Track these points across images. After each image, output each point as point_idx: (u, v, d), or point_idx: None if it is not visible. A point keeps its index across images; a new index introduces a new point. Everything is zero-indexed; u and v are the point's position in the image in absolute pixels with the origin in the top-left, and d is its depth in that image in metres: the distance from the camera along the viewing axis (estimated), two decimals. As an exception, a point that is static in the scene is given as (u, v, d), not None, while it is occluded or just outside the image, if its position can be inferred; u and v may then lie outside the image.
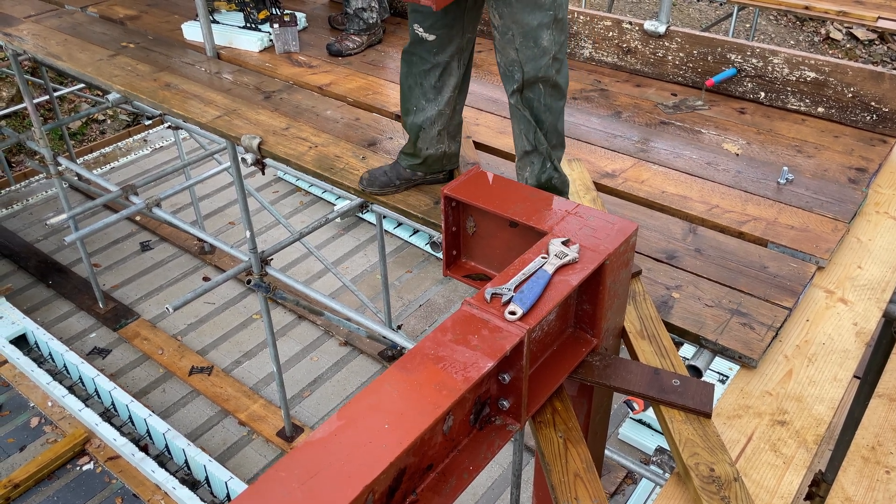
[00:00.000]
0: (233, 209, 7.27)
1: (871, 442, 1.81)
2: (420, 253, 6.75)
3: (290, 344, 5.83)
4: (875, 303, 2.24)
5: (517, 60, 2.18)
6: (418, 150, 2.58)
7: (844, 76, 3.08)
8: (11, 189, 7.49)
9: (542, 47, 2.17)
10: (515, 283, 1.69)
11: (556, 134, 2.35)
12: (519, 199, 2.05)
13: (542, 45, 2.17)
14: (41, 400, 5.06)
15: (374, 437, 1.33)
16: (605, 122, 3.24)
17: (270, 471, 1.26)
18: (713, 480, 1.65)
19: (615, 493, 4.73)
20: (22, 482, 4.47)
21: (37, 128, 5.05)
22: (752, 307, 2.20)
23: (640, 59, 3.60)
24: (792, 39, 10.80)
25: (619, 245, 1.83)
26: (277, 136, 3.10)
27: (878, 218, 2.64)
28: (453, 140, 2.61)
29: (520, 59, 2.18)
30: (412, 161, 2.62)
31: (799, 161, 2.92)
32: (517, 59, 2.18)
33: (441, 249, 2.52)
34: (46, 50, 3.90)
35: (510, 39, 2.16)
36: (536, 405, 1.76)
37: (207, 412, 5.28)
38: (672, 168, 2.89)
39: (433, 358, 1.50)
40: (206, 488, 4.64)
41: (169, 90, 3.46)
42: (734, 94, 3.39)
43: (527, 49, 2.16)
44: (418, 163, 2.61)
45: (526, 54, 2.17)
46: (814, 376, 2.00)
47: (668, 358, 1.99)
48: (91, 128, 8.43)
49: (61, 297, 6.26)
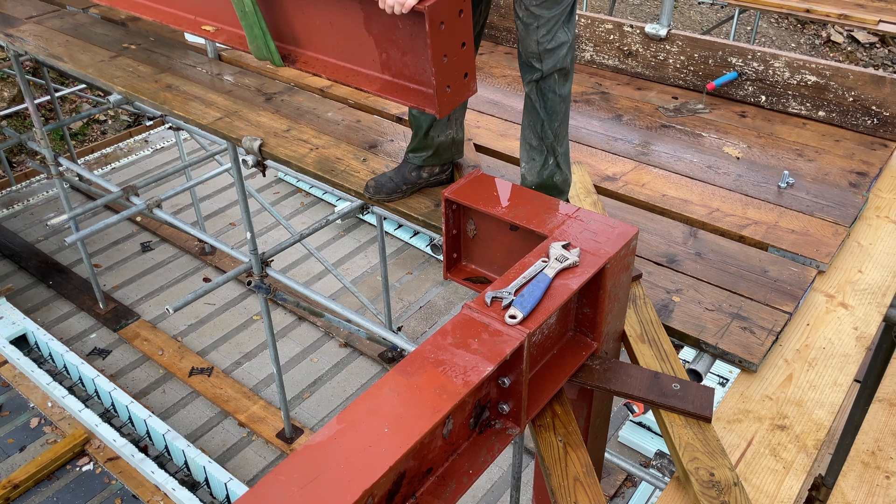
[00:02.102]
0: (233, 210, 7.27)
1: (871, 447, 1.81)
2: (420, 255, 6.75)
3: (291, 345, 5.83)
4: (875, 307, 2.24)
5: (537, 52, 2.22)
6: (430, 140, 2.58)
7: (845, 80, 3.08)
8: (12, 189, 7.49)
9: (561, 41, 2.22)
10: (516, 287, 1.69)
11: (564, 127, 2.38)
12: (520, 203, 2.05)
13: (560, 38, 2.22)
14: (41, 400, 5.06)
15: (374, 441, 1.33)
16: (605, 125, 3.24)
17: (270, 474, 1.26)
18: (713, 485, 1.64)
19: (615, 496, 4.73)
20: (22, 483, 4.47)
21: (38, 128, 5.06)
22: (753, 311, 2.20)
23: (642, 63, 3.60)
24: (793, 42, 10.81)
25: (620, 249, 1.83)
26: (278, 137, 3.10)
27: (879, 222, 2.64)
28: (460, 127, 2.64)
29: (539, 52, 2.21)
30: (423, 154, 2.62)
31: (800, 165, 2.92)
32: (537, 51, 2.21)
33: (442, 252, 2.52)
34: (48, 51, 3.90)
35: (534, 31, 2.19)
36: (536, 409, 1.76)
37: (207, 413, 5.28)
38: (673, 171, 2.89)
39: (433, 361, 1.50)
40: (206, 489, 4.64)
41: (170, 91, 3.47)
42: (735, 97, 3.39)
43: (547, 42, 2.21)
44: (430, 154, 2.62)
45: (546, 46, 2.21)
46: (814, 381, 2.00)
47: (668, 362, 1.99)
48: (92, 128, 8.44)
49: (62, 298, 6.27)
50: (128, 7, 2.87)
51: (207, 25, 2.64)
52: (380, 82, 2.20)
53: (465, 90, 2.05)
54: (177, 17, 2.73)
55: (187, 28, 2.68)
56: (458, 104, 2.10)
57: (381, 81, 2.20)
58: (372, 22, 2.10)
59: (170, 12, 2.76)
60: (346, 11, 2.14)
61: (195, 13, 2.68)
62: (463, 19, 1.96)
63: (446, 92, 2.00)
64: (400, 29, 2.04)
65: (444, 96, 1.99)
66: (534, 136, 2.38)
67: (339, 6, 2.15)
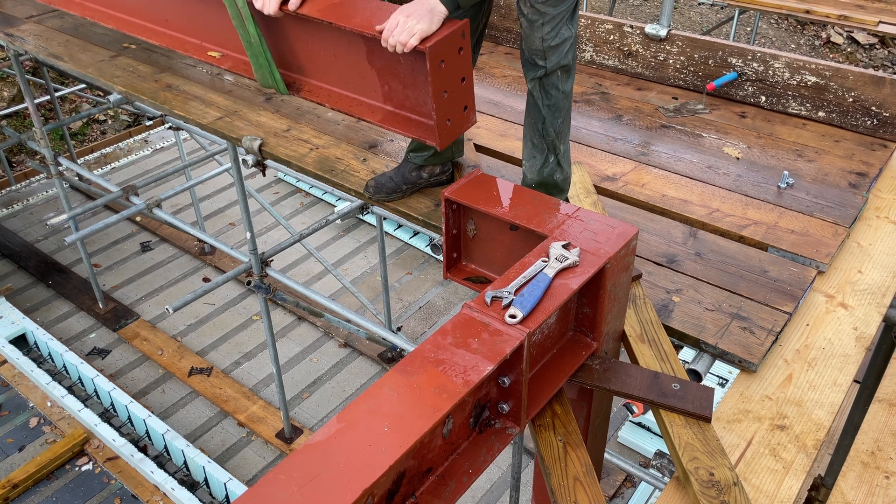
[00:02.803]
0: (233, 210, 7.27)
1: (870, 447, 1.81)
2: (420, 255, 6.75)
3: (290, 345, 5.83)
4: (875, 307, 2.24)
5: (541, 49, 2.22)
6: None
7: (845, 81, 3.08)
8: (12, 189, 7.49)
9: (564, 37, 2.22)
10: (516, 287, 1.69)
11: (566, 124, 2.38)
12: (520, 203, 2.05)
13: (564, 34, 2.22)
14: (40, 400, 5.06)
15: (374, 441, 1.33)
16: (605, 125, 3.24)
17: (270, 474, 1.26)
18: (713, 485, 1.64)
19: (614, 496, 4.73)
20: (21, 482, 4.46)
21: (38, 128, 5.06)
22: (753, 311, 2.20)
23: (642, 63, 3.60)
24: (793, 43, 10.81)
25: (620, 249, 1.83)
26: (278, 137, 3.10)
27: (879, 223, 2.64)
28: None
29: (544, 48, 2.21)
30: (424, 154, 2.62)
31: (799, 165, 2.92)
32: (541, 48, 2.22)
33: (441, 252, 2.52)
34: (48, 50, 3.90)
35: (538, 27, 2.19)
36: (536, 409, 1.76)
37: (207, 413, 5.27)
38: (673, 172, 2.89)
39: (433, 361, 1.50)
40: (205, 489, 4.64)
41: (170, 91, 3.46)
42: (735, 97, 3.39)
43: (552, 39, 2.21)
44: (430, 154, 2.62)
45: (550, 44, 2.21)
46: (814, 381, 2.00)
47: (668, 362, 1.99)
48: (92, 128, 8.44)
49: (61, 298, 6.26)
50: (136, 32, 2.91)
51: (213, 51, 2.70)
52: (382, 113, 2.26)
53: (464, 122, 2.12)
54: (183, 42, 2.78)
55: (193, 53, 2.72)
56: (458, 136, 2.17)
57: (383, 112, 2.26)
58: (375, 56, 2.16)
59: (176, 37, 2.81)
60: (350, 45, 2.20)
61: (201, 38, 2.73)
62: (462, 56, 2.03)
63: (446, 125, 2.07)
64: (402, 64, 2.10)
65: (445, 129, 2.07)
66: (536, 134, 2.38)
67: (344, 39, 2.20)
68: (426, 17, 1.95)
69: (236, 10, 2.35)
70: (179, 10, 2.72)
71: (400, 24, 1.96)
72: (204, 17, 2.62)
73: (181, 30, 2.78)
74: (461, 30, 1.99)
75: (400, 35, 1.95)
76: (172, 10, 2.75)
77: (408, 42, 1.94)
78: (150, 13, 2.86)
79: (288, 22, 2.31)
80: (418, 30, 1.94)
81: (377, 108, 2.28)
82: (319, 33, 2.25)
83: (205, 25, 2.66)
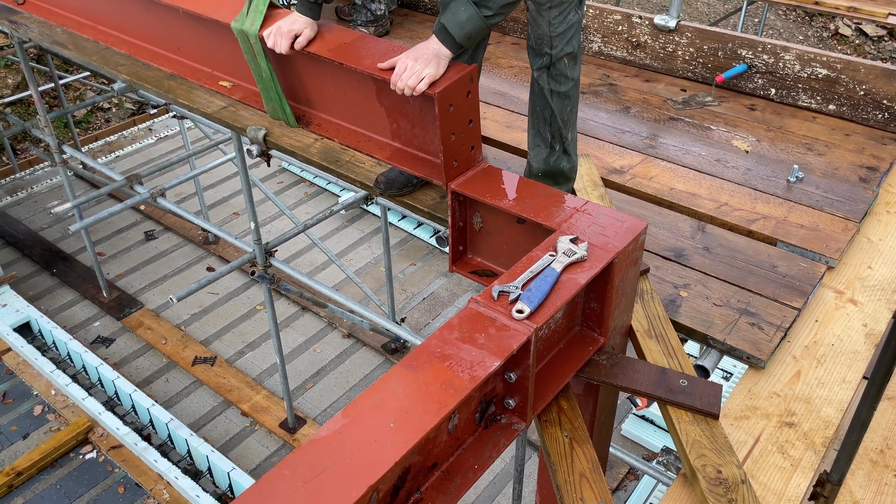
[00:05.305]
0: (237, 199, 7.26)
1: (879, 445, 1.79)
2: (424, 245, 6.74)
3: (294, 335, 5.83)
4: (885, 304, 2.22)
5: (548, 35, 2.20)
6: None
7: (856, 73, 3.05)
8: (16, 177, 7.49)
9: (571, 22, 2.20)
10: (523, 281, 1.67)
11: (573, 113, 2.36)
12: (527, 196, 2.03)
13: (571, 19, 2.20)
14: (45, 388, 5.07)
15: (379, 436, 1.31)
16: (613, 117, 3.21)
17: (274, 469, 1.25)
18: (720, 482, 1.63)
19: (617, 488, 4.72)
20: (25, 470, 4.48)
21: (42, 116, 5.04)
22: (761, 307, 2.18)
23: (650, 54, 3.57)
24: (801, 35, 10.73)
25: (629, 243, 1.81)
26: (283, 127, 3.07)
27: (889, 218, 2.61)
28: None
29: (551, 34, 2.20)
30: None
31: (809, 159, 2.89)
32: (548, 33, 2.20)
33: (447, 244, 2.50)
34: (52, 38, 3.87)
35: (546, 11, 2.17)
36: (542, 404, 1.74)
37: (210, 402, 5.28)
38: (681, 165, 2.86)
39: (439, 356, 1.49)
40: (209, 478, 4.65)
41: (174, 80, 3.44)
42: (744, 90, 3.35)
43: (559, 24, 2.19)
44: None
45: (557, 29, 2.19)
46: (822, 378, 1.98)
47: (675, 358, 1.97)
48: (96, 116, 8.42)
49: (65, 286, 6.27)
50: (149, 58, 2.95)
51: (224, 81, 2.72)
52: (390, 150, 2.31)
53: (471, 161, 2.16)
54: (194, 71, 2.80)
55: (204, 82, 2.75)
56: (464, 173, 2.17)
57: (391, 149, 2.31)
58: (384, 95, 2.20)
59: (188, 65, 2.83)
60: (360, 83, 2.25)
61: (212, 68, 2.76)
62: (470, 99, 2.06)
63: (453, 165, 2.11)
64: (410, 104, 2.13)
65: (452, 169, 2.11)
66: (542, 123, 2.36)
67: (353, 78, 2.25)
68: (433, 61, 1.98)
69: (248, 45, 2.38)
70: (192, 40, 2.74)
71: (409, 68, 1.98)
72: (216, 48, 2.64)
73: (193, 58, 2.80)
74: (469, 75, 2.02)
75: (409, 79, 1.97)
76: (185, 39, 2.77)
77: (416, 86, 1.96)
78: (163, 41, 2.88)
79: (299, 58, 2.34)
80: (426, 74, 1.96)
81: (385, 145, 2.32)
82: (330, 70, 2.30)
83: (216, 55, 2.68)
